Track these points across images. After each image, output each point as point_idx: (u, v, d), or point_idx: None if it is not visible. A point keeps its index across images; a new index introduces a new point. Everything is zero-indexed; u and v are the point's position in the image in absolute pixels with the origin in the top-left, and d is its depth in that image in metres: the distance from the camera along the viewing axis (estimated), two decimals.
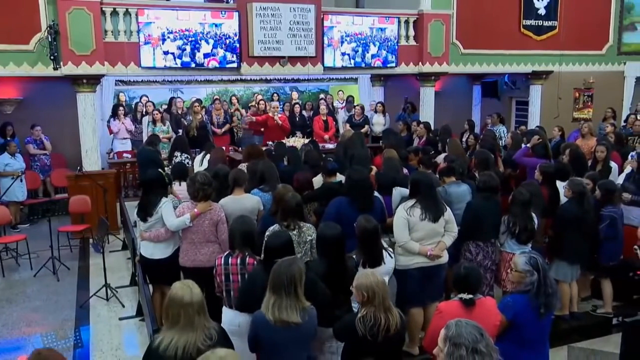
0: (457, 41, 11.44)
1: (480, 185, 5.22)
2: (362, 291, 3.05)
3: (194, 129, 9.78)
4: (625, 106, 13.13)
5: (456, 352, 2.27)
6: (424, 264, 4.67)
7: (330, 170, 5.70)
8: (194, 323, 2.73)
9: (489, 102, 13.41)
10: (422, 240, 4.66)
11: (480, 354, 2.26)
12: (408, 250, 4.62)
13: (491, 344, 2.35)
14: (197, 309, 2.76)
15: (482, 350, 2.27)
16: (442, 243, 4.73)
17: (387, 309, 3.07)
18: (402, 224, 4.63)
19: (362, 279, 3.09)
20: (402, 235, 4.62)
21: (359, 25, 10.48)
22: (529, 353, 3.43)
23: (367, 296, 3.04)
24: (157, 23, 9.00)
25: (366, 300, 3.06)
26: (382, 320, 3.02)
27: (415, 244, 4.62)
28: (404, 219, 4.63)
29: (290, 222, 4.31)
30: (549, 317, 3.52)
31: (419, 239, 4.64)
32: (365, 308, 3.06)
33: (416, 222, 4.62)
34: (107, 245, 8.02)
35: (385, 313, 3.05)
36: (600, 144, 7.19)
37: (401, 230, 4.63)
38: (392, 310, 3.09)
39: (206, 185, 4.87)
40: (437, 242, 4.71)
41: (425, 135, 9.23)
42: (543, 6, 12.05)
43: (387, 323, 3.03)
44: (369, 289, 3.03)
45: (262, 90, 13.57)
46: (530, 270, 3.39)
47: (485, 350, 2.28)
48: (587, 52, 12.74)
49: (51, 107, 9.85)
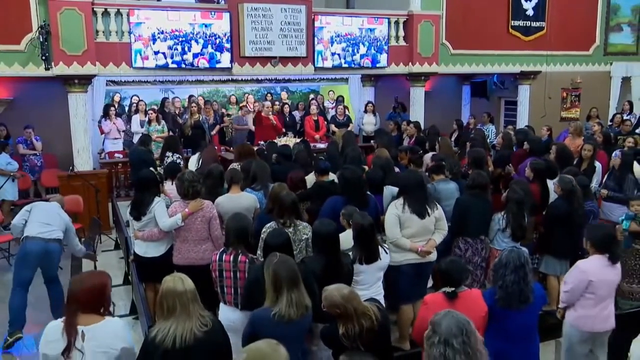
0: (446, 42, 11.56)
1: (469, 183, 5.33)
2: (334, 309, 3.09)
3: (188, 127, 9.82)
4: (611, 106, 13.32)
5: (433, 337, 2.43)
6: (415, 261, 4.76)
7: (322, 170, 5.79)
8: (190, 311, 2.79)
9: (478, 102, 13.56)
10: (413, 237, 4.74)
11: (451, 347, 2.36)
12: (399, 246, 4.69)
13: (473, 341, 2.42)
14: (191, 297, 2.81)
15: (454, 346, 2.36)
16: (432, 240, 4.81)
17: (362, 312, 3.10)
18: (393, 220, 4.71)
19: (329, 299, 3.10)
20: (393, 232, 4.70)
21: (349, 26, 10.56)
22: (513, 347, 3.49)
23: (339, 312, 3.08)
24: (147, 23, 9.03)
25: (340, 314, 3.09)
26: (363, 325, 3.06)
27: (407, 240, 4.70)
28: (395, 215, 4.71)
29: (287, 219, 4.38)
30: (532, 313, 3.56)
31: (410, 236, 4.72)
32: (342, 320, 3.09)
33: (407, 219, 4.70)
34: (100, 245, 8.08)
35: (363, 317, 3.08)
36: (588, 143, 7.31)
37: (392, 227, 4.70)
38: (368, 310, 3.12)
39: (195, 182, 4.95)
40: (427, 240, 4.80)
41: (416, 135, 9.33)
42: (531, 7, 12.20)
43: (364, 327, 3.06)
44: (339, 306, 3.07)
45: (253, 91, 13.63)
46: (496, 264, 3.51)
47: (458, 347, 2.36)
48: (574, 53, 12.92)
49: (42, 107, 9.84)
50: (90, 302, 2.87)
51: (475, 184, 5.25)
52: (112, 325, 2.90)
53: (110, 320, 2.94)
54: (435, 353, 2.39)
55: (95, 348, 2.81)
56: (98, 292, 2.91)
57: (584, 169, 6.91)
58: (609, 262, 3.96)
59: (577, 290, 3.95)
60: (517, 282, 3.39)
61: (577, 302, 3.97)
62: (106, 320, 2.92)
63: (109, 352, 2.83)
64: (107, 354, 2.83)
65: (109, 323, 2.90)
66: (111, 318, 2.99)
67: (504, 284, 3.42)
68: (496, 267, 3.51)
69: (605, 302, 4.01)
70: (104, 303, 2.94)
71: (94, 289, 2.90)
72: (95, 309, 2.89)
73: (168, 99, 11.74)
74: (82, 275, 3.09)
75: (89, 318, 2.86)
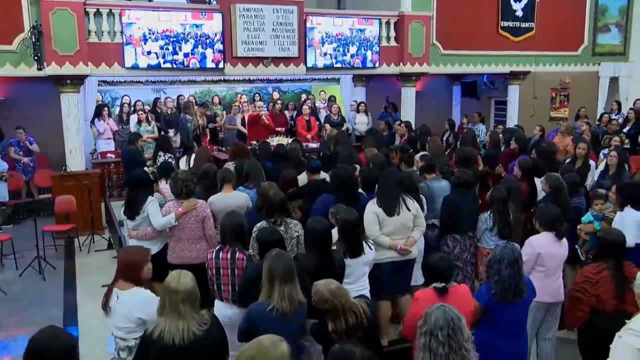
0: (437, 42, 11.67)
1: (455, 181, 5.45)
2: (322, 304, 3.16)
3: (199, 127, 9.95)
4: (599, 105, 13.50)
5: (423, 327, 2.59)
6: (395, 259, 4.79)
7: (314, 168, 5.87)
8: (180, 311, 2.81)
9: (469, 101, 13.67)
10: (393, 235, 4.77)
11: (436, 339, 2.52)
12: (379, 244, 4.70)
13: (458, 336, 2.55)
14: (182, 297, 2.82)
15: (439, 337, 2.52)
16: (411, 238, 4.85)
17: (350, 308, 3.16)
18: (372, 218, 4.74)
19: (318, 295, 3.18)
20: (372, 230, 4.71)
21: (339, 27, 10.64)
22: (504, 341, 3.58)
23: (328, 307, 3.16)
24: (138, 23, 9.06)
25: (329, 309, 3.17)
26: (351, 320, 3.13)
27: (386, 238, 4.74)
28: (374, 213, 4.75)
29: (277, 218, 4.44)
30: (524, 307, 3.67)
31: (390, 234, 4.76)
32: (329, 317, 3.17)
33: (385, 218, 4.74)
34: (93, 245, 8.12)
35: (351, 312, 3.15)
36: (582, 141, 7.39)
37: (371, 225, 4.72)
38: (356, 307, 3.19)
39: (188, 181, 5.01)
40: (407, 237, 4.84)
41: (407, 134, 9.42)
42: (520, 8, 12.34)
43: (353, 322, 3.13)
44: (327, 301, 3.14)
45: (245, 91, 13.67)
46: (490, 260, 3.60)
47: (442, 339, 2.52)
48: (562, 53, 13.09)
49: (34, 107, 9.83)
50: (126, 271, 3.43)
51: (461, 182, 5.36)
52: (137, 296, 3.36)
53: (137, 290, 3.39)
54: (422, 341, 2.55)
55: (120, 310, 3.35)
56: (133, 265, 3.43)
57: (579, 167, 6.98)
58: (555, 238, 4.32)
59: (529, 263, 4.20)
60: (512, 277, 3.50)
61: (530, 275, 4.16)
62: (135, 290, 3.38)
63: (129, 317, 3.33)
64: (127, 318, 3.33)
65: (135, 293, 3.37)
66: (140, 289, 3.41)
67: (500, 279, 3.51)
68: (491, 263, 3.60)
69: (554, 276, 4.36)
70: (138, 275, 3.43)
71: (129, 262, 3.45)
72: (130, 278, 3.40)
73: (160, 99, 11.77)
74: (126, 249, 3.71)
75: (125, 285, 3.40)
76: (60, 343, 2.39)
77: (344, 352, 2.48)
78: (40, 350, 2.34)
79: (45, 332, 2.42)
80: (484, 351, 3.15)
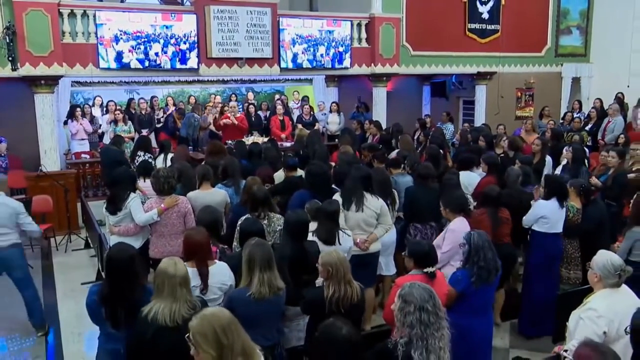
0: (407, 43, 11.99)
1: (415, 174, 5.90)
2: (327, 267, 3.43)
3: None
4: (562, 105, 14.03)
5: (406, 307, 2.76)
6: (358, 252, 4.96)
7: (291, 166, 6.09)
8: (176, 294, 3.01)
9: (438, 101, 14.06)
10: (353, 230, 4.95)
11: (426, 311, 2.74)
12: None
13: (438, 304, 2.81)
14: (180, 281, 3.03)
15: (428, 309, 2.74)
16: (373, 234, 5.08)
17: (348, 282, 3.46)
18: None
19: (326, 257, 3.48)
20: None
21: (309, 28, 10.84)
22: (478, 319, 3.90)
23: (331, 272, 3.42)
24: (108, 24, 9.11)
25: (330, 276, 3.43)
26: (344, 292, 3.41)
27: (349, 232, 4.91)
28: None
29: (261, 211, 4.64)
30: (493, 287, 3.99)
31: (350, 228, 4.92)
32: (329, 282, 3.43)
33: (347, 213, 4.97)
34: (70, 244, 8.16)
35: (346, 286, 3.44)
36: (538, 138, 7.91)
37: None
38: (352, 283, 3.48)
39: (170, 178, 5.19)
40: (369, 233, 5.06)
41: (378, 133, 9.69)
42: (486, 11, 12.76)
43: (348, 294, 3.41)
44: (332, 265, 3.42)
45: (219, 91, 13.77)
46: (463, 243, 3.88)
47: (431, 309, 2.76)
48: (527, 54, 13.56)
49: (7, 108, 9.76)
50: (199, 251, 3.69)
51: (420, 174, 5.80)
52: (223, 267, 3.78)
53: (219, 263, 3.80)
54: (412, 320, 2.72)
55: (213, 284, 3.67)
56: (202, 244, 3.71)
57: (536, 161, 7.44)
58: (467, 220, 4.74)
59: (455, 248, 4.46)
60: (492, 259, 3.82)
61: (452, 260, 4.54)
62: (217, 263, 3.79)
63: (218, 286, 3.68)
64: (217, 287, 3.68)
65: (220, 265, 3.78)
66: (219, 262, 3.82)
67: (485, 264, 3.78)
68: (474, 251, 3.81)
69: None
70: (207, 252, 3.75)
71: (195, 242, 3.69)
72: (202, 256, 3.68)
73: (134, 99, 11.80)
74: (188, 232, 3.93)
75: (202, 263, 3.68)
76: (125, 253, 3.36)
77: (334, 325, 2.71)
78: (110, 259, 3.38)
79: (114, 248, 3.68)
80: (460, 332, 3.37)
